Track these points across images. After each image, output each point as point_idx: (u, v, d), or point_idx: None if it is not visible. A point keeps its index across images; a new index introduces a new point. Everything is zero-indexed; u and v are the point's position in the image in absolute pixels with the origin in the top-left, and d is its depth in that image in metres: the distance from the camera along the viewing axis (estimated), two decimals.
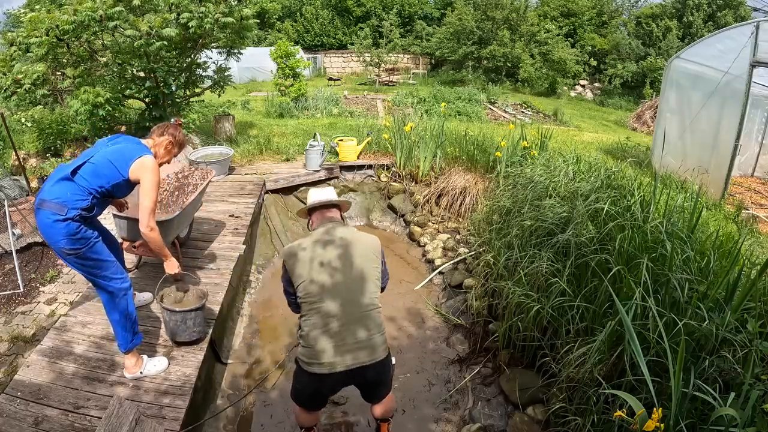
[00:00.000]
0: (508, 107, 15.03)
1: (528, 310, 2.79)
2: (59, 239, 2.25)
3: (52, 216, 2.22)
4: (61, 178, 2.30)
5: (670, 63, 6.81)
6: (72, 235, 2.26)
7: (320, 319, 2.09)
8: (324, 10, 26.26)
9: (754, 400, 1.69)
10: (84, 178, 2.32)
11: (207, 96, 7.68)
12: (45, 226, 2.25)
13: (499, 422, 2.75)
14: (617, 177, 3.53)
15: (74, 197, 2.28)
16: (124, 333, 2.47)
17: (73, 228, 2.26)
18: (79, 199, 2.29)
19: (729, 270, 2.20)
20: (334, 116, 10.49)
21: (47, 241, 2.32)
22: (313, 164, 5.91)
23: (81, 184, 2.31)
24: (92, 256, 2.35)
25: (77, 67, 5.58)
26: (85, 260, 2.34)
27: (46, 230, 2.26)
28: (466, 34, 20.77)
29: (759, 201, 5.84)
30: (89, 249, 2.33)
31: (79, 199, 2.29)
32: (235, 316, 3.80)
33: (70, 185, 2.30)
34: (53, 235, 2.25)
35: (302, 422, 2.45)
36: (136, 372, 2.57)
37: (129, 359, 2.55)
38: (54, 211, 2.22)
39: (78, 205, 2.28)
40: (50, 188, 2.29)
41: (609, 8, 23.75)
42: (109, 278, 2.41)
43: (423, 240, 5.20)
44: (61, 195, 2.26)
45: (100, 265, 2.39)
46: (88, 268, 2.37)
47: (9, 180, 4.82)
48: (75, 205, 2.27)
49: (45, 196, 2.26)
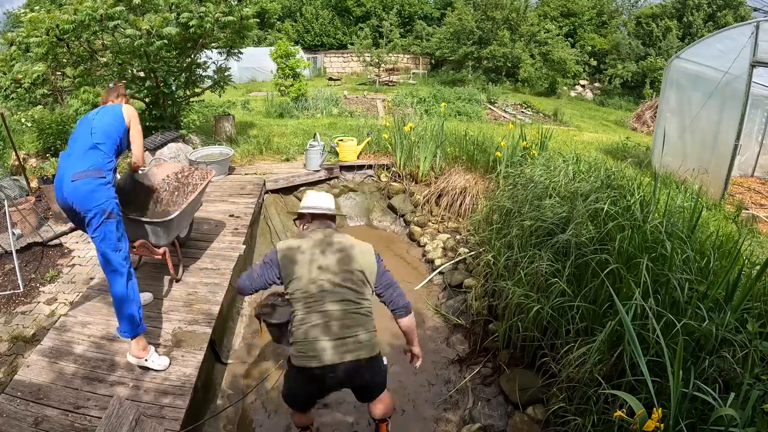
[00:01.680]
0: (508, 107, 15.03)
1: (528, 310, 2.79)
2: (104, 201, 2.44)
3: (95, 181, 2.43)
4: (88, 149, 2.52)
5: (670, 63, 6.81)
6: (114, 198, 2.50)
7: (320, 319, 2.09)
8: (324, 10, 26.27)
9: (754, 400, 1.69)
10: (102, 143, 2.57)
11: (207, 96, 7.69)
12: (88, 192, 2.41)
13: (499, 422, 2.75)
14: (617, 177, 3.53)
15: (105, 160, 2.54)
16: (131, 317, 2.51)
17: (113, 192, 2.52)
18: (109, 161, 2.57)
19: (729, 270, 2.20)
20: (334, 116, 10.50)
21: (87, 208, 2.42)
22: (313, 164, 5.91)
23: (104, 150, 2.56)
24: (121, 228, 2.55)
25: (77, 66, 5.58)
26: (118, 231, 2.51)
27: (89, 196, 2.41)
28: (466, 34, 20.77)
29: (759, 201, 5.84)
30: (121, 220, 2.56)
31: (109, 161, 2.57)
32: (235, 316, 3.80)
33: (97, 152, 2.54)
34: (98, 199, 2.42)
35: (298, 423, 2.46)
36: (143, 357, 2.57)
37: (136, 343, 2.56)
38: (94, 177, 2.43)
39: (110, 166, 2.56)
40: (80, 160, 2.48)
41: (609, 8, 23.76)
42: (126, 256, 2.55)
43: (423, 240, 5.20)
44: (94, 162, 2.49)
45: (124, 239, 2.57)
46: (116, 240, 2.49)
47: (9, 180, 4.82)
48: (108, 167, 2.54)
49: (78, 167, 2.44)
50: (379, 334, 3.62)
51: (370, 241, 5.50)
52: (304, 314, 2.12)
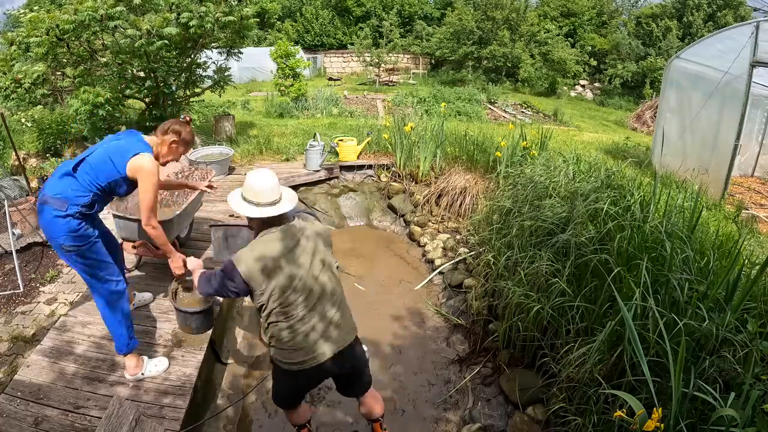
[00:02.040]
0: (508, 107, 15.03)
1: (528, 310, 2.79)
2: (59, 235, 2.25)
3: (53, 212, 2.23)
4: (63, 174, 2.31)
5: (670, 63, 6.81)
6: (72, 232, 2.26)
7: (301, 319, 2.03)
8: (324, 10, 26.27)
9: (754, 400, 1.69)
10: (85, 173, 2.32)
11: (207, 96, 7.69)
12: (46, 222, 2.27)
13: (499, 422, 2.75)
14: (617, 177, 3.53)
15: (75, 193, 2.28)
16: (120, 336, 2.47)
17: (74, 225, 2.26)
18: (79, 195, 2.29)
19: (729, 270, 2.20)
20: (334, 116, 10.50)
21: (47, 237, 2.33)
22: (313, 164, 5.91)
23: (81, 181, 2.31)
24: (91, 256, 2.35)
25: (77, 66, 5.58)
26: (85, 259, 2.34)
27: (47, 226, 2.27)
28: (466, 34, 20.77)
29: (759, 201, 5.84)
30: (89, 248, 2.33)
31: (80, 195, 2.29)
32: (235, 316, 3.80)
33: (72, 181, 2.30)
34: (54, 231, 2.26)
35: (296, 420, 2.46)
36: (138, 373, 2.56)
37: (129, 360, 2.55)
38: (55, 207, 2.23)
39: (79, 201, 2.28)
40: (53, 184, 2.30)
41: (609, 8, 23.76)
42: (105, 279, 2.41)
43: (423, 240, 5.20)
44: (62, 191, 2.27)
45: (98, 264, 2.39)
46: (86, 266, 2.37)
47: (9, 180, 4.82)
48: (76, 201, 2.27)
49: (47, 191, 2.27)
50: (376, 333, 3.63)
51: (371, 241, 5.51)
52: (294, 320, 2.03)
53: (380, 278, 4.57)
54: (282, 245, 2.01)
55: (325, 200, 5.98)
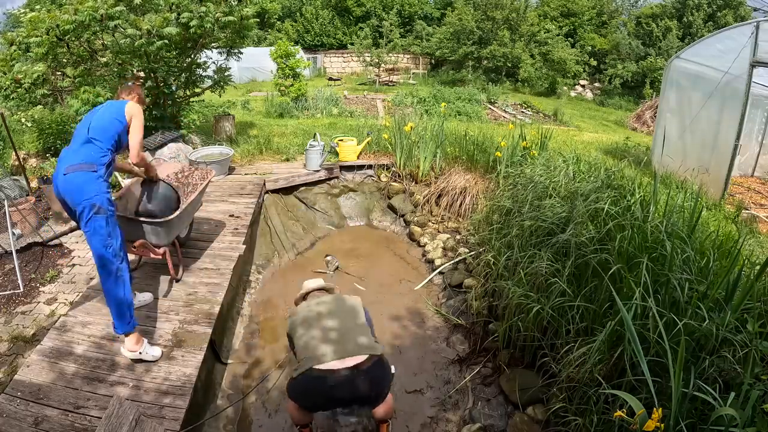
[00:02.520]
0: (508, 107, 15.03)
1: (528, 310, 2.79)
2: (96, 195, 2.44)
3: (86, 174, 2.45)
4: (82, 143, 2.55)
5: (670, 63, 6.81)
6: (105, 193, 2.49)
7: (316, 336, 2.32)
8: (324, 10, 26.26)
9: (754, 400, 1.69)
10: (97, 138, 2.59)
11: (207, 96, 7.68)
12: (80, 186, 2.43)
13: (499, 422, 2.75)
14: (617, 177, 3.53)
15: (99, 154, 2.55)
16: (122, 315, 2.56)
17: (105, 186, 2.53)
18: (103, 156, 2.57)
19: (729, 270, 2.20)
20: (334, 116, 10.50)
21: (78, 201, 2.43)
22: (313, 164, 5.91)
23: (98, 144, 2.58)
24: (112, 224, 2.54)
25: (77, 66, 5.58)
26: (108, 226, 2.50)
27: (81, 189, 2.43)
28: (466, 34, 20.76)
29: (759, 201, 5.84)
30: (112, 215, 2.54)
31: (103, 155, 2.57)
32: (235, 316, 3.80)
33: (91, 146, 2.56)
34: (89, 191, 2.43)
35: (298, 420, 2.46)
36: (137, 350, 2.62)
37: (130, 338, 2.61)
38: (86, 171, 2.45)
39: (103, 161, 2.56)
40: (74, 153, 2.52)
41: (609, 8, 23.75)
42: (117, 253, 2.55)
43: (423, 240, 5.20)
44: (86, 156, 2.51)
45: (115, 234, 2.56)
46: (106, 235, 2.50)
47: (9, 180, 4.83)
48: (101, 161, 2.54)
49: (71, 161, 2.48)
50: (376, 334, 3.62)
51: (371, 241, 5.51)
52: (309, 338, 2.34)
53: (380, 278, 4.57)
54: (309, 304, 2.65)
55: (325, 200, 5.98)
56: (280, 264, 4.84)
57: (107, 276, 2.53)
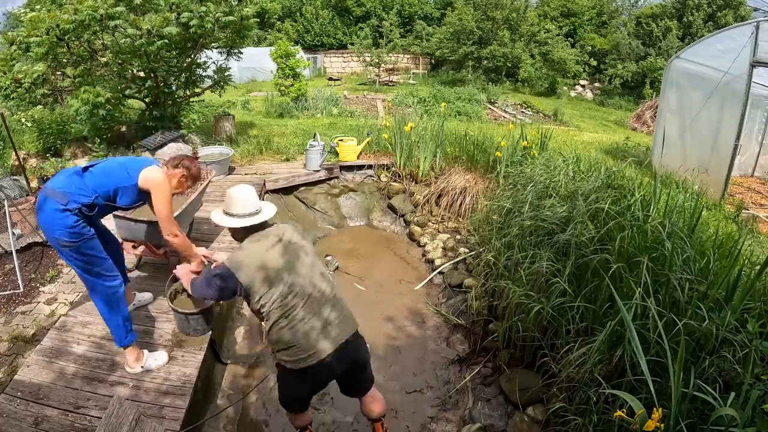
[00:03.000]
0: (508, 107, 15.02)
1: (528, 310, 2.78)
2: (56, 229, 2.28)
3: (53, 205, 2.28)
4: (72, 173, 2.40)
5: (670, 63, 6.81)
6: (69, 228, 2.29)
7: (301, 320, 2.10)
8: (324, 10, 26.25)
9: (754, 400, 1.69)
10: (93, 175, 2.40)
11: (207, 96, 7.69)
12: (45, 215, 2.30)
13: (499, 422, 2.75)
14: (617, 177, 3.53)
15: (78, 191, 2.33)
16: (117, 330, 2.51)
17: (71, 221, 2.29)
18: (82, 194, 2.33)
19: (729, 270, 2.20)
20: (334, 116, 10.49)
21: (44, 231, 2.36)
22: (313, 164, 5.91)
23: (88, 182, 2.37)
24: (87, 252, 2.38)
25: (77, 66, 5.58)
26: (80, 255, 2.37)
27: (45, 219, 2.31)
28: (466, 34, 20.75)
29: (759, 201, 5.84)
30: (84, 243, 2.36)
31: (83, 194, 2.33)
32: (235, 316, 3.80)
33: (78, 179, 2.36)
34: (51, 225, 2.29)
35: (298, 424, 2.46)
36: (137, 367, 2.59)
37: (129, 354, 2.58)
38: (56, 200, 2.28)
39: (80, 199, 2.32)
40: (58, 180, 2.38)
41: (609, 8, 23.74)
42: (101, 275, 2.44)
43: (423, 240, 5.20)
44: (66, 186, 2.32)
45: (94, 261, 2.41)
46: (82, 262, 2.39)
47: (9, 180, 4.82)
48: (77, 198, 2.31)
49: (52, 185, 2.34)
50: (376, 334, 3.63)
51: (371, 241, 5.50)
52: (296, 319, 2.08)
53: (380, 278, 4.57)
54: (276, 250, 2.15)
55: (325, 200, 5.98)
56: None
57: (93, 296, 2.48)
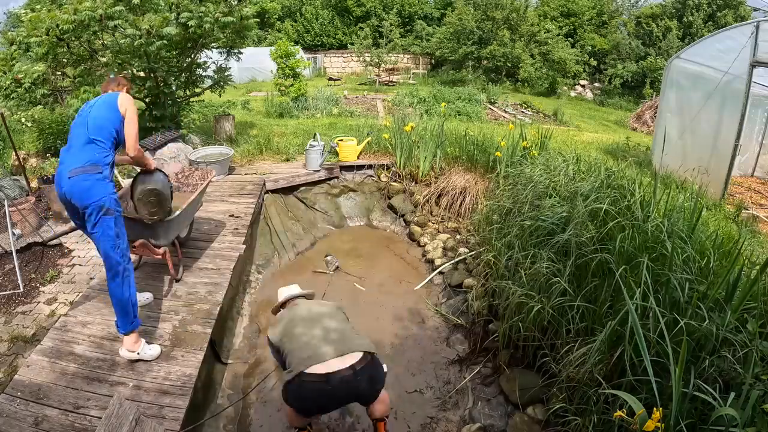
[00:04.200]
0: (508, 107, 15.02)
1: (528, 310, 2.78)
2: (104, 196, 2.42)
3: (91, 177, 2.41)
4: (84, 144, 2.49)
5: (670, 63, 6.80)
6: (112, 194, 2.47)
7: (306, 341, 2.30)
8: (324, 10, 26.24)
9: (754, 400, 1.69)
10: (97, 138, 2.52)
11: (207, 96, 7.69)
12: (86, 190, 2.40)
13: (499, 422, 2.75)
14: (617, 177, 3.52)
15: (102, 154, 2.50)
16: (126, 314, 2.56)
17: (111, 188, 2.50)
18: (106, 155, 2.53)
19: (729, 270, 2.20)
20: (334, 116, 10.49)
21: (85, 203, 2.42)
22: (313, 164, 5.91)
23: (100, 144, 2.52)
24: (120, 225, 2.55)
25: (77, 66, 5.59)
26: (117, 227, 2.51)
27: (89, 191, 2.41)
28: (466, 34, 20.75)
29: (759, 201, 5.84)
30: (120, 216, 2.53)
31: (106, 154, 2.53)
32: (235, 316, 3.80)
33: (93, 146, 2.50)
34: (97, 193, 2.41)
35: (295, 423, 2.47)
36: (135, 350, 2.63)
37: (129, 338, 2.62)
38: (91, 173, 2.41)
39: (107, 161, 2.52)
40: (77, 155, 2.46)
41: (609, 8, 23.73)
42: (123, 253, 2.56)
43: (423, 240, 5.20)
44: (90, 157, 2.46)
45: (122, 235, 2.56)
46: (114, 235, 2.50)
47: (9, 180, 4.83)
48: (105, 161, 2.51)
49: (75, 163, 2.43)
50: (376, 333, 3.63)
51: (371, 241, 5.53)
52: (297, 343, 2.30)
53: (380, 278, 4.57)
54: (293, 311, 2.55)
55: (325, 200, 5.98)
56: (280, 264, 4.84)
57: (114, 276, 2.54)
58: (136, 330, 2.64)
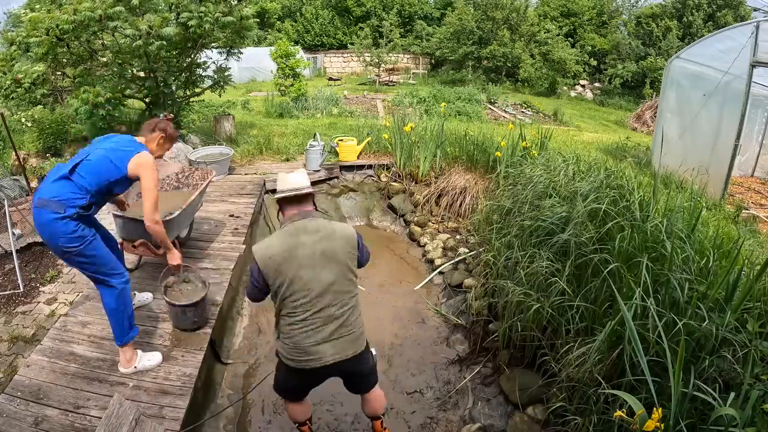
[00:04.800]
0: (508, 107, 15.02)
1: (528, 310, 2.79)
2: (58, 238, 2.26)
3: (50, 215, 2.24)
4: (60, 177, 2.32)
5: (670, 63, 6.81)
6: (70, 234, 2.27)
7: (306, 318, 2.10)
8: (324, 10, 26.23)
9: (754, 400, 1.69)
10: (82, 176, 2.34)
11: (207, 96, 7.68)
12: (43, 225, 2.26)
13: (499, 422, 2.75)
14: (617, 177, 3.52)
15: (73, 195, 2.30)
16: (120, 327, 2.51)
17: (71, 226, 2.27)
18: (77, 198, 2.31)
19: (729, 270, 2.20)
20: (334, 116, 10.49)
21: (45, 239, 2.33)
22: (313, 164, 5.91)
23: (79, 183, 2.33)
24: (90, 253, 2.37)
25: (77, 66, 5.58)
26: (84, 257, 2.36)
27: (44, 229, 2.27)
28: (466, 34, 20.75)
29: (759, 201, 5.84)
30: (86, 246, 2.34)
31: (78, 197, 2.31)
32: (235, 316, 3.80)
33: (69, 184, 2.31)
34: (52, 234, 2.27)
35: (295, 416, 2.47)
36: (131, 367, 2.59)
37: (124, 353, 2.58)
38: (53, 210, 2.24)
39: (76, 203, 2.30)
40: (48, 187, 2.30)
41: (609, 8, 23.73)
42: (108, 273, 2.45)
43: (423, 240, 5.20)
44: (59, 193, 2.27)
45: (98, 261, 2.41)
46: (87, 265, 2.39)
47: (9, 180, 4.83)
48: (73, 203, 2.28)
49: (43, 194, 2.28)
50: (376, 334, 3.63)
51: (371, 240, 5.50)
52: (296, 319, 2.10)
53: (380, 278, 4.57)
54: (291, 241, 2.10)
55: (325, 200, 5.98)
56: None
57: (104, 291, 2.48)
58: (132, 341, 2.58)
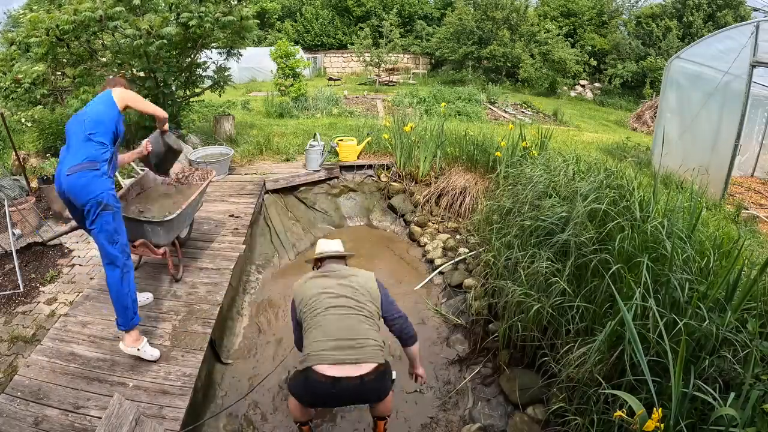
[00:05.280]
0: (508, 107, 15.02)
1: (528, 310, 2.79)
2: (102, 192, 2.44)
3: (89, 173, 2.42)
4: (81, 141, 2.50)
5: (670, 63, 6.81)
6: (109, 189, 2.48)
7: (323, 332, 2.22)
8: (324, 10, 26.23)
9: (754, 400, 1.69)
10: (95, 134, 2.53)
11: (207, 96, 7.69)
12: (84, 186, 2.42)
13: (499, 422, 2.75)
14: (617, 177, 3.52)
15: (99, 151, 2.51)
16: (125, 310, 2.56)
17: (110, 183, 2.51)
18: (104, 152, 2.53)
19: (729, 270, 2.20)
20: (334, 116, 10.49)
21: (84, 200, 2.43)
22: (313, 164, 5.91)
23: (96, 139, 2.52)
24: (119, 220, 2.58)
25: (77, 66, 5.59)
26: (115, 222, 2.52)
27: (87, 187, 2.42)
28: (466, 34, 20.76)
29: (759, 201, 5.85)
30: (118, 212, 2.55)
31: (104, 151, 2.53)
32: (235, 316, 3.80)
33: (90, 143, 2.51)
34: (96, 189, 2.43)
35: (298, 416, 2.47)
36: (136, 346, 2.63)
37: (129, 335, 2.63)
38: (89, 169, 2.43)
39: (104, 157, 2.52)
40: (73, 154, 2.47)
41: (609, 8, 23.72)
42: (122, 249, 2.56)
43: (423, 240, 5.20)
44: (87, 154, 2.47)
45: (121, 231, 2.57)
46: (113, 231, 2.51)
47: (9, 180, 4.82)
48: (102, 158, 2.51)
49: (72, 161, 2.44)
50: None
51: (371, 241, 5.52)
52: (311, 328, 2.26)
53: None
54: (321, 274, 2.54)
55: (325, 200, 5.98)
56: (280, 264, 4.84)
57: (113, 272, 2.54)
58: (136, 327, 2.64)
